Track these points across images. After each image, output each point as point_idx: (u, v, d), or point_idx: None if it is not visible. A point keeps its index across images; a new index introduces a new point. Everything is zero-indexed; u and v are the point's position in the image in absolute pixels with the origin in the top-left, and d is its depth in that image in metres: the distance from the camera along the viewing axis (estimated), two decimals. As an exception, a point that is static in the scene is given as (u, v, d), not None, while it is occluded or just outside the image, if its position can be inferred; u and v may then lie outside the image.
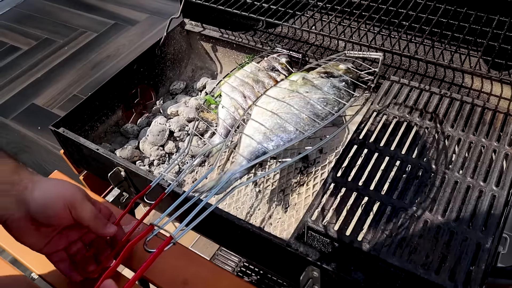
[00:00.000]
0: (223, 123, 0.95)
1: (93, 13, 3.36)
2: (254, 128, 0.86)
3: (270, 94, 0.92)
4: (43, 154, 2.39)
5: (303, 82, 0.94)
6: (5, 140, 2.48)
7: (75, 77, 2.83)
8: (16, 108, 2.67)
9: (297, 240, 0.80)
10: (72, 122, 1.11)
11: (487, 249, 0.74)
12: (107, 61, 2.89)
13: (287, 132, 0.83)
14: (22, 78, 2.88)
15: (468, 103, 0.97)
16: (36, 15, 3.43)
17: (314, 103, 0.87)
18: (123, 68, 1.21)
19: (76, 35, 3.17)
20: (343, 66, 1.01)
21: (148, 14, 3.24)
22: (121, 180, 1.00)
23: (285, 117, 0.83)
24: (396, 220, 0.80)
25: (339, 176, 0.87)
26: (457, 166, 0.86)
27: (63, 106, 2.64)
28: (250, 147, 0.83)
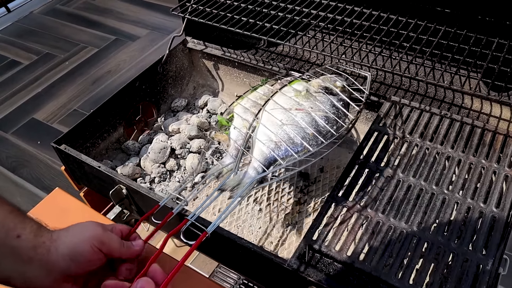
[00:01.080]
0: (234, 144, 0.93)
1: (94, 29, 3.38)
2: (267, 135, 0.90)
3: (278, 101, 0.95)
4: (42, 169, 2.38)
5: (307, 95, 0.97)
6: (5, 154, 2.48)
7: (75, 92, 2.84)
8: (16, 123, 2.68)
9: (298, 260, 0.80)
10: (74, 138, 1.12)
11: (487, 271, 0.74)
12: (108, 76, 2.91)
13: (294, 145, 0.88)
14: (23, 93, 2.88)
15: (468, 124, 0.98)
16: (37, 30, 3.45)
17: (318, 119, 0.91)
18: (125, 86, 1.21)
19: (77, 50, 3.19)
20: (339, 83, 1.02)
21: (149, 30, 3.27)
22: (122, 197, 1.00)
23: (293, 130, 0.89)
24: (397, 240, 0.80)
25: (340, 196, 0.88)
26: (458, 187, 0.86)
27: (63, 121, 2.64)
28: (265, 154, 0.87)
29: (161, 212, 0.79)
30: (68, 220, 0.96)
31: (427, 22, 1.08)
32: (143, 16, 3.44)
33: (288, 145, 0.87)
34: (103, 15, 3.52)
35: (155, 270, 0.61)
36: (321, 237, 0.82)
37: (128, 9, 3.55)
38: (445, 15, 1.06)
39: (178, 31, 1.33)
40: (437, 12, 1.07)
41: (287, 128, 0.89)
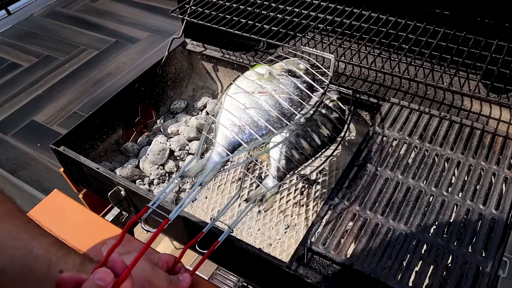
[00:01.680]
0: (276, 164, 0.90)
1: (94, 31, 3.39)
2: (230, 119, 0.87)
3: (240, 84, 0.92)
4: (42, 171, 2.38)
5: (270, 78, 0.95)
6: (4, 156, 2.48)
7: (75, 94, 2.84)
8: (16, 125, 2.68)
9: (297, 262, 0.79)
10: (73, 140, 1.11)
11: (487, 273, 0.74)
12: (108, 79, 2.91)
13: (258, 128, 0.86)
14: (23, 95, 2.89)
15: (468, 126, 0.97)
16: (37, 33, 3.46)
17: (281, 102, 0.89)
18: (124, 87, 1.21)
19: (77, 52, 3.19)
20: (303, 66, 0.99)
21: (149, 32, 3.27)
22: (121, 199, 1.00)
23: (257, 113, 0.86)
24: (396, 242, 0.80)
25: (339, 198, 0.87)
26: (457, 189, 0.86)
27: (63, 123, 2.64)
28: (228, 139, 0.85)
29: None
30: (67, 222, 0.97)
31: (426, 24, 1.08)
32: (143, 18, 3.44)
33: (252, 129, 0.84)
34: (103, 18, 3.52)
35: (114, 261, 0.57)
36: (320, 239, 0.81)
37: (128, 11, 3.56)
38: (444, 17, 1.06)
39: (177, 33, 1.33)
40: (436, 14, 1.07)
41: (251, 111, 0.87)
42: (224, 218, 1.07)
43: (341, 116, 1.00)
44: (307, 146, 0.94)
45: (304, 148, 0.94)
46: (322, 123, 0.97)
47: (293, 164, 0.92)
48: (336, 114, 1.00)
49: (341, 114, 1.01)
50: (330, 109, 1.01)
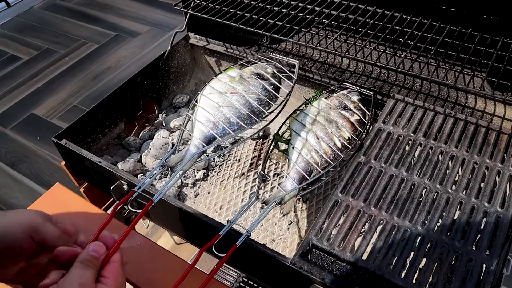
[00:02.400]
0: (296, 166, 0.92)
1: (94, 24, 3.37)
2: (205, 116, 0.96)
3: (213, 86, 1.03)
4: (41, 164, 2.37)
5: (241, 80, 1.04)
6: (3, 150, 2.47)
7: (75, 87, 2.82)
8: (16, 118, 2.66)
9: (301, 258, 0.79)
10: (75, 134, 1.11)
11: (492, 271, 0.74)
12: (108, 72, 2.89)
13: (231, 124, 0.95)
14: (22, 88, 2.87)
15: (473, 123, 0.97)
16: (37, 25, 3.43)
17: (251, 101, 0.99)
18: (126, 81, 1.20)
19: (77, 45, 3.17)
20: (270, 70, 1.08)
21: (149, 26, 3.25)
22: (123, 193, 0.99)
23: (230, 111, 0.96)
24: (401, 239, 0.79)
25: (343, 194, 0.87)
26: (462, 187, 0.86)
27: (62, 116, 2.63)
28: (204, 133, 0.94)
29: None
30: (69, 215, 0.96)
31: (432, 21, 1.08)
32: (144, 12, 3.42)
33: (225, 124, 0.94)
34: (104, 11, 3.50)
35: (105, 236, 0.63)
36: (324, 235, 0.81)
37: (128, 5, 3.54)
38: (449, 14, 1.06)
39: (180, 26, 1.32)
40: (441, 11, 1.06)
41: (224, 109, 0.96)
42: (228, 213, 1.06)
43: (362, 118, 1.00)
44: (328, 149, 0.94)
45: (325, 151, 0.94)
46: (343, 126, 0.97)
47: (312, 167, 0.92)
48: (357, 116, 1.00)
49: (361, 116, 1.00)
50: (351, 111, 1.01)
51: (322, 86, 1.17)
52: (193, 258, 1.68)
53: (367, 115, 1.02)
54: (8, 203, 2.20)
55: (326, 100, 1.05)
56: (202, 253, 0.78)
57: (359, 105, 1.03)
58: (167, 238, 1.79)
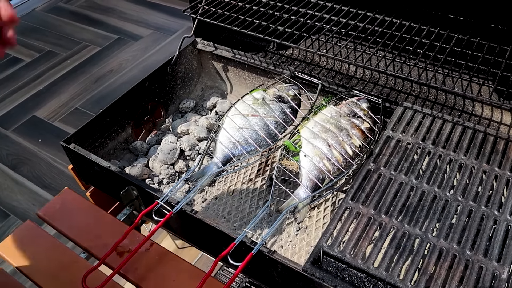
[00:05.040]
0: (308, 174, 0.94)
1: (97, 27, 3.37)
2: (227, 137, 1.03)
3: (238, 107, 1.09)
4: (43, 167, 2.37)
5: (262, 103, 1.09)
6: (5, 152, 2.46)
7: (77, 90, 2.83)
8: (17, 120, 2.66)
9: (312, 265, 0.79)
10: (83, 138, 1.11)
11: (504, 280, 0.74)
12: (110, 75, 2.89)
13: (248, 144, 1.02)
14: (24, 90, 2.87)
15: (481, 131, 0.98)
16: (39, 28, 3.43)
17: (269, 124, 1.04)
18: (134, 86, 1.21)
19: (79, 48, 3.17)
20: (292, 92, 1.13)
21: (152, 30, 3.26)
22: (132, 198, 1.00)
23: (248, 133, 1.03)
24: (411, 247, 0.80)
25: (354, 202, 0.87)
26: (471, 195, 0.86)
27: (64, 119, 2.63)
28: (224, 152, 1.01)
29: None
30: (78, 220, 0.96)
31: (440, 29, 1.08)
32: (146, 16, 3.43)
33: (242, 145, 1.01)
34: (106, 14, 3.51)
35: None
36: (335, 242, 0.81)
37: (131, 8, 3.54)
38: (458, 23, 1.06)
39: (185, 31, 1.32)
40: (449, 19, 1.07)
41: (244, 131, 1.03)
42: (236, 219, 1.06)
43: (372, 126, 1.01)
44: (339, 157, 0.95)
45: (336, 158, 0.94)
46: (353, 133, 0.98)
47: (325, 174, 0.93)
48: (367, 124, 1.01)
49: (372, 124, 1.01)
50: (361, 118, 1.01)
51: (330, 93, 1.18)
52: (196, 261, 1.68)
53: (376, 123, 1.03)
54: (10, 205, 2.19)
55: (336, 107, 1.06)
56: (217, 261, 0.79)
57: (369, 113, 1.04)
58: (169, 242, 1.79)
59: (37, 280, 0.85)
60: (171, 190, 0.91)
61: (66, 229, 0.93)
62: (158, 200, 0.88)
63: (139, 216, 0.85)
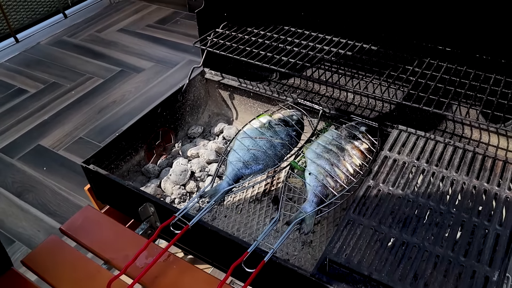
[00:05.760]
0: (313, 190, 1.03)
1: (100, 60, 3.49)
2: (237, 158, 1.12)
3: (246, 131, 1.19)
4: (48, 194, 2.42)
5: (269, 126, 1.19)
6: (11, 180, 2.52)
7: (81, 120, 2.91)
8: (23, 149, 2.73)
9: (319, 271, 0.86)
10: (100, 160, 1.18)
11: (494, 282, 0.82)
12: (113, 106, 2.99)
13: (257, 164, 1.11)
14: (29, 120, 2.95)
15: (470, 151, 1.07)
16: (44, 60, 3.55)
17: (275, 145, 1.14)
18: (148, 111, 1.29)
19: (83, 80, 3.28)
20: (295, 117, 1.23)
21: (153, 62, 3.38)
22: (149, 215, 1.06)
23: (257, 154, 1.12)
24: (410, 254, 0.87)
25: (355, 214, 0.95)
26: (463, 207, 0.95)
27: (69, 148, 2.70)
28: (235, 171, 1.10)
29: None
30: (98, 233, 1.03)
31: (430, 59, 1.19)
32: (148, 49, 3.56)
33: (252, 165, 1.10)
34: (109, 48, 3.63)
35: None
36: (339, 251, 0.88)
37: (133, 42, 3.68)
38: (446, 53, 1.17)
39: (186, 63, 1.42)
40: (438, 50, 1.18)
41: (252, 152, 1.12)
42: (244, 235, 1.13)
43: (370, 147, 1.10)
44: (341, 174, 1.03)
45: (338, 176, 1.03)
46: (354, 153, 1.07)
47: (328, 190, 1.01)
48: (366, 145, 1.10)
49: (370, 145, 1.10)
50: (360, 140, 1.10)
51: (330, 118, 1.27)
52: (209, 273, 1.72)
53: (374, 144, 1.12)
54: (15, 231, 2.23)
55: (336, 130, 1.15)
56: (233, 268, 0.86)
57: (367, 135, 1.13)
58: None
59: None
60: (187, 205, 0.98)
61: (88, 242, 0.99)
62: (175, 214, 0.95)
63: (159, 228, 0.92)
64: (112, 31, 3.89)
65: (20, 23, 3.76)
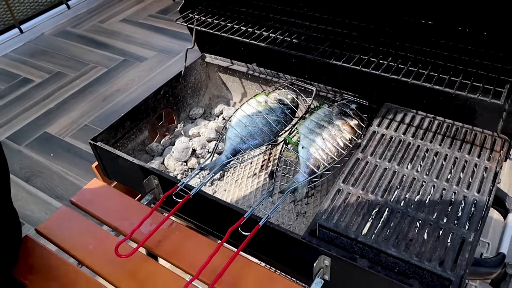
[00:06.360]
0: (306, 162, 1.11)
1: (103, 49, 3.56)
2: (235, 134, 1.21)
3: (244, 109, 1.27)
4: (55, 179, 2.50)
5: (265, 105, 1.27)
6: (18, 166, 2.60)
7: (86, 108, 2.99)
8: (29, 136, 2.81)
9: (310, 235, 0.94)
10: (107, 138, 1.26)
11: (470, 243, 0.89)
12: (117, 94, 3.06)
13: (254, 139, 1.19)
14: (35, 108, 3.03)
15: (453, 125, 1.14)
16: (49, 50, 3.62)
17: (271, 122, 1.23)
18: (152, 93, 1.37)
19: (87, 69, 3.35)
20: (290, 96, 1.31)
21: (156, 52, 3.45)
22: (153, 188, 1.14)
23: (254, 130, 1.19)
24: (394, 219, 0.94)
25: (344, 184, 1.02)
26: (445, 177, 1.02)
27: (74, 135, 2.78)
28: (233, 146, 1.19)
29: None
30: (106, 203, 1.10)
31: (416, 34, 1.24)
32: (150, 39, 3.62)
33: (249, 140, 1.19)
34: (112, 38, 3.70)
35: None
36: (329, 217, 0.96)
37: (135, 32, 3.74)
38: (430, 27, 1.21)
39: (188, 52, 1.46)
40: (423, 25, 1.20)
41: (249, 128, 1.21)
42: (242, 206, 1.21)
43: (360, 122, 1.17)
44: (332, 148, 1.11)
45: (329, 149, 1.10)
46: (344, 129, 1.14)
47: (319, 162, 1.09)
48: (356, 121, 1.17)
49: (360, 121, 1.17)
50: (350, 116, 1.18)
51: (323, 97, 1.34)
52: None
53: (364, 120, 1.19)
54: (24, 214, 2.32)
55: (329, 108, 1.22)
56: (231, 232, 0.93)
57: (357, 112, 1.20)
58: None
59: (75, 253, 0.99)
60: (189, 176, 1.06)
61: (97, 212, 1.07)
62: (177, 184, 1.02)
63: (163, 196, 1.00)
64: (115, 21, 3.95)
65: (24, 14, 3.83)
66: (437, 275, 0.84)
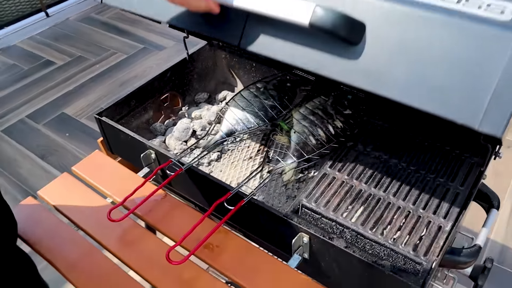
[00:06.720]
0: (295, 146, 1.15)
1: (124, 37, 3.65)
2: (231, 116, 1.27)
3: (243, 94, 1.33)
4: (70, 158, 2.59)
5: (263, 91, 1.32)
6: (35, 143, 2.70)
7: (103, 92, 3.07)
8: (48, 115, 2.91)
9: (292, 213, 0.97)
10: (112, 115, 1.31)
11: (446, 231, 0.92)
12: (134, 80, 3.14)
13: (249, 122, 1.26)
14: (55, 90, 3.13)
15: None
16: (72, 35, 3.73)
17: (267, 107, 1.27)
18: (158, 74, 1.42)
19: (107, 55, 3.44)
20: (289, 83, 1.34)
21: (175, 41, 3.52)
22: (150, 162, 1.19)
23: (250, 113, 1.25)
24: (374, 204, 0.98)
25: (331, 169, 1.06)
26: (431, 169, 1.04)
27: (90, 117, 2.86)
28: (229, 127, 1.25)
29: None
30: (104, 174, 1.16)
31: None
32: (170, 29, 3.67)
33: (244, 123, 1.26)
34: (133, 26, 3.79)
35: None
36: (312, 198, 1.00)
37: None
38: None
39: (204, 43, 1.52)
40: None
41: (246, 112, 1.27)
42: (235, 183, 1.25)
43: (353, 113, 1.20)
44: (323, 134, 1.14)
45: (320, 135, 1.14)
46: (336, 117, 1.18)
47: (309, 147, 1.12)
48: (349, 111, 1.20)
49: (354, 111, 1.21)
50: (345, 106, 1.21)
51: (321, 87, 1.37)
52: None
53: (359, 111, 1.22)
54: (36, 188, 2.40)
55: (324, 97, 1.25)
56: (216, 204, 0.98)
57: (353, 103, 1.23)
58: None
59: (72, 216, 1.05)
60: (182, 151, 1.10)
61: (94, 180, 1.13)
62: (171, 158, 1.07)
63: (157, 168, 1.05)
64: (138, 10, 4.03)
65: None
66: (410, 259, 0.87)
